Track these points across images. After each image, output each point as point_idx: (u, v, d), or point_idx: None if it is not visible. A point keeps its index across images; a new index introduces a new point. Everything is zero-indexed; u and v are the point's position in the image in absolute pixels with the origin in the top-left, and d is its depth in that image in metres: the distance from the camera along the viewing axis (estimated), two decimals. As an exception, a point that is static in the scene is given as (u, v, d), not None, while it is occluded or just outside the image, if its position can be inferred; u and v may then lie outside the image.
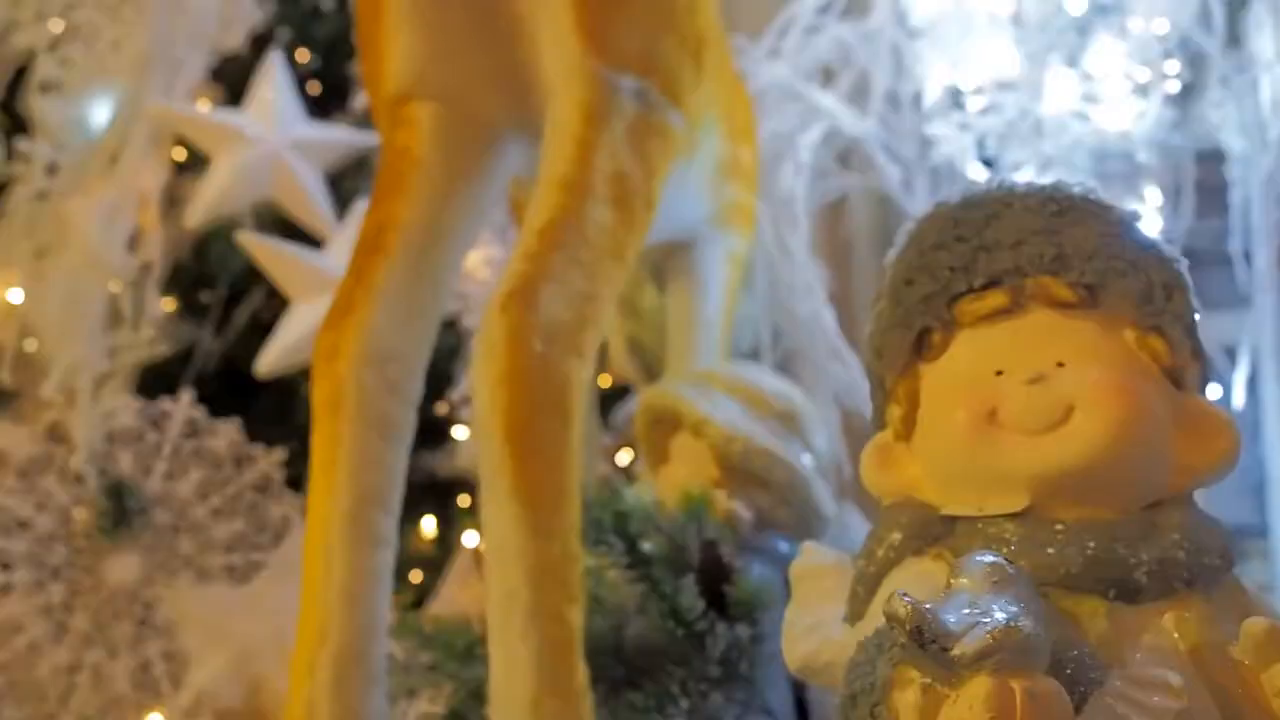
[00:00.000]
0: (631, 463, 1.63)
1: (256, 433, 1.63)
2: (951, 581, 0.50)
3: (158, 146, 1.73)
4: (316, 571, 0.87)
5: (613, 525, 0.86)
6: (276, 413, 1.77)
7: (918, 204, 1.84)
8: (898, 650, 0.48)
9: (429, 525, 1.79)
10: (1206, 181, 1.56)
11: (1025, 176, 1.39)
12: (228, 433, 1.61)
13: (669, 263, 1.28)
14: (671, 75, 0.91)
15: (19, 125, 1.85)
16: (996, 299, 0.62)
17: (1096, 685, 0.52)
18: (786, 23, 1.75)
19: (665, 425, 1.10)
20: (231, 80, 1.87)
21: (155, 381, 1.72)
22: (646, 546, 0.86)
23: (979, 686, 0.45)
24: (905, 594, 0.47)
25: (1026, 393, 0.59)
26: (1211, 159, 1.51)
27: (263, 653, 1.54)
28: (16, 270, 1.73)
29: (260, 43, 1.79)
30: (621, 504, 0.87)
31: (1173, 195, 1.51)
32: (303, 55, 1.96)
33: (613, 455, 1.85)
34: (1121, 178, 1.40)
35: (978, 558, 0.51)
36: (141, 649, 1.53)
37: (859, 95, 1.59)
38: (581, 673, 0.75)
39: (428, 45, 0.96)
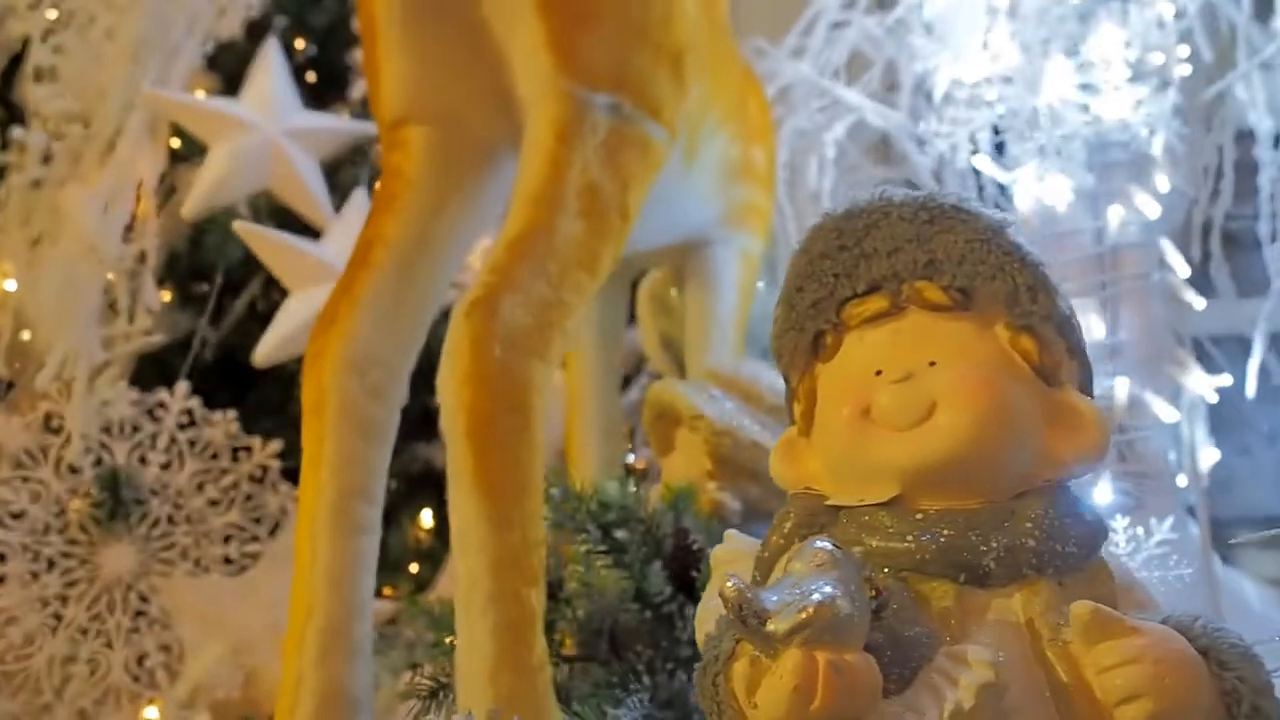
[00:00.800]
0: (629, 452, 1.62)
1: (253, 423, 1.63)
2: (787, 565, 0.56)
3: (154, 135, 1.72)
4: (304, 556, 0.93)
5: (590, 515, 0.92)
6: (273, 404, 1.76)
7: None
8: (734, 627, 0.54)
9: (427, 517, 1.79)
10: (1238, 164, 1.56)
11: (1029, 168, 1.38)
12: (224, 423, 1.60)
13: (686, 263, 1.31)
14: (646, 89, 0.95)
15: (14, 113, 1.84)
16: (877, 303, 0.66)
17: (929, 661, 0.57)
18: (812, 19, 1.76)
19: (668, 419, 1.15)
20: (228, 69, 1.85)
21: (152, 372, 1.71)
22: (620, 534, 0.92)
23: (788, 658, 0.52)
24: (733, 576, 0.53)
25: (894, 391, 0.63)
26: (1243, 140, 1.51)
27: (259, 643, 1.53)
28: (11, 259, 1.73)
29: (257, 30, 1.78)
30: (603, 495, 0.92)
31: (1212, 178, 1.50)
32: (300, 43, 1.95)
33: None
34: (1128, 165, 1.39)
35: (811, 544, 0.57)
36: (138, 640, 1.53)
37: (888, 89, 1.59)
38: (539, 649, 0.80)
39: (418, 71, 1.01)
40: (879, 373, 0.64)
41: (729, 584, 0.53)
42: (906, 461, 0.62)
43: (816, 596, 0.52)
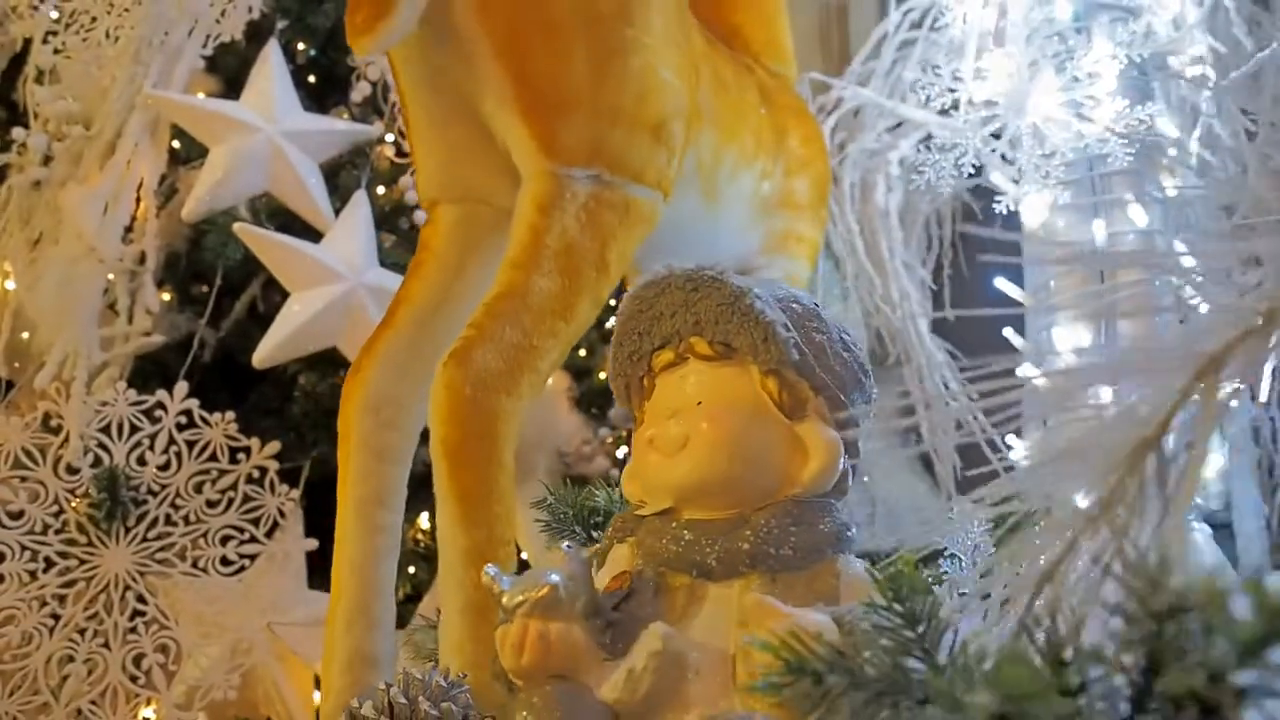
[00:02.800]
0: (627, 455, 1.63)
1: (252, 425, 1.63)
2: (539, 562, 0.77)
3: (154, 136, 1.72)
4: (337, 551, 1.15)
5: (575, 517, 1.05)
6: (272, 405, 1.76)
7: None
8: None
9: (425, 520, 1.79)
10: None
11: (1037, 181, 1.39)
12: (223, 425, 1.60)
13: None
14: (623, 159, 1.10)
15: (15, 114, 1.84)
16: (666, 356, 0.85)
17: None
18: (878, 43, 1.78)
19: None
20: (228, 70, 1.85)
21: (151, 373, 1.71)
22: (596, 535, 1.04)
23: (513, 625, 0.75)
24: (491, 568, 0.77)
25: (664, 425, 0.82)
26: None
27: (256, 644, 1.54)
28: (11, 259, 1.73)
29: (257, 33, 1.78)
30: (592, 500, 1.06)
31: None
32: (301, 46, 1.95)
33: (614, 450, 1.85)
34: (1130, 174, 1.39)
35: (561, 546, 0.78)
36: (135, 640, 1.53)
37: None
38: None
39: (445, 159, 1.21)
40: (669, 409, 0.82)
41: (486, 572, 0.76)
42: (669, 482, 0.81)
43: (541, 583, 0.74)
